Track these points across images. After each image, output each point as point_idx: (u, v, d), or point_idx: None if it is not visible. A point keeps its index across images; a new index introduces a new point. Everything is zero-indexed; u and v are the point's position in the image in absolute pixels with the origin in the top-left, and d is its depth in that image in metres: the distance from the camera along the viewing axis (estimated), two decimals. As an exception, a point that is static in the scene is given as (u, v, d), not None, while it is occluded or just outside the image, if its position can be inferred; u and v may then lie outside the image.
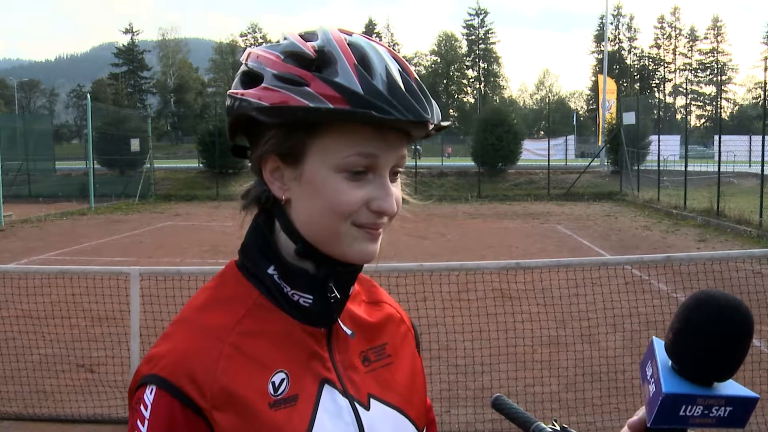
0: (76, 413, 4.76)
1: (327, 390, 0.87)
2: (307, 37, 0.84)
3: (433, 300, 4.96)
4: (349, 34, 0.84)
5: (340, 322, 0.91)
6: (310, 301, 0.87)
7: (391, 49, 0.85)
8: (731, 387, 0.76)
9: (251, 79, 0.84)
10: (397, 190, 0.87)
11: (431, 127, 0.84)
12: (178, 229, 16.42)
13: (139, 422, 0.80)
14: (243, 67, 0.87)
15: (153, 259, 11.41)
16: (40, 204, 22.20)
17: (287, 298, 0.88)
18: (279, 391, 0.83)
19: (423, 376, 1.04)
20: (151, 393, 0.80)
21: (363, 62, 0.80)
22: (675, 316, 0.78)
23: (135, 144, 26.02)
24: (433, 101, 0.85)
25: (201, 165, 30.33)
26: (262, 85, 0.82)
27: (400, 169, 0.88)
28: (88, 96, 24.21)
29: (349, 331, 0.91)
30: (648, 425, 0.75)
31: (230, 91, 0.86)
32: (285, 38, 0.85)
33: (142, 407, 0.80)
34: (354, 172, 0.82)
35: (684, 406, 0.73)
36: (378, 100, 0.78)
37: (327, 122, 0.81)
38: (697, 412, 0.74)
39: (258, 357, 0.84)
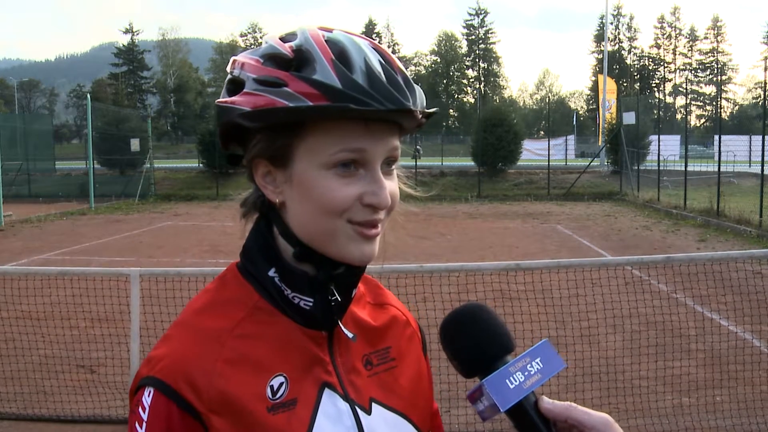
0: (76, 413, 4.76)
1: (327, 394, 0.87)
2: (286, 38, 0.84)
3: (433, 301, 4.95)
4: (329, 30, 0.84)
5: (341, 325, 0.90)
6: (311, 304, 0.87)
7: (372, 40, 0.84)
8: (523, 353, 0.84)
9: (235, 86, 0.84)
10: (392, 183, 0.86)
11: (420, 115, 0.84)
12: (178, 229, 16.41)
13: (137, 424, 0.80)
14: (228, 76, 0.87)
15: (153, 259, 11.40)
16: (40, 204, 22.24)
17: (287, 300, 0.87)
18: (277, 395, 0.83)
19: (430, 380, 1.03)
20: (149, 395, 0.80)
21: (341, 57, 0.80)
22: (448, 351, 0.87)
23: (135, 144, 26.03)
24: (417, 89, 0.84)
25: (201, 165, 30.35)
26: (244, 90, 0.82)
27: (395, 162, 0.87)
28: (88, 96, 24.19)
29: (350, 335, 0.90)
30: (502, 411, 0.80)
31: (217, 100, 0.86)
32: (265, 42, 0.85)
33: (140, 410, 0.80)
34: (344, 168, 0.81)
35: (506, 380, 0.80)
36: (357, 93, 0.78)
37: (310, 121, 0.80)
38: (521, 377, 0.81)
39: (257, 360, 0.83)
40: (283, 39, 0.84)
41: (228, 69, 0.88)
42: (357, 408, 0.88)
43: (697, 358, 5.55)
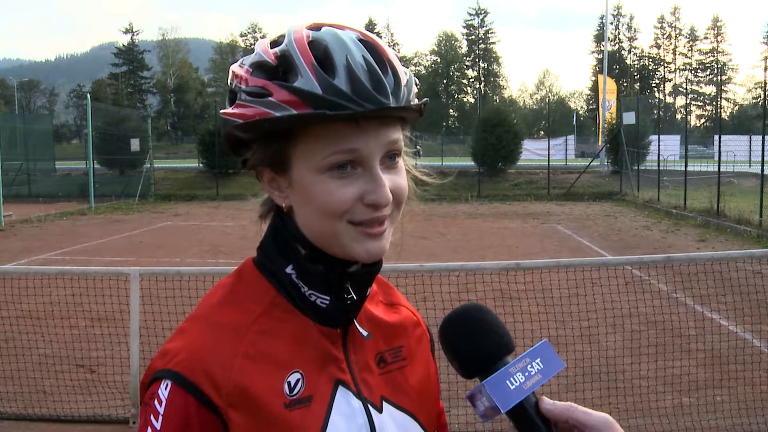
0: (75, 413, 4.76)
1: (341, 391, 0.87)
2: (277, 41, 0.84)
3: (433, 300, 4.95)
4: (318, 28, 0.83)
5: (356, 323, 0.90)
6: (327, 302, 0.87)
7: (362, 31, 0.83)
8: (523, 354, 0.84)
9: (233, 97, 0.85)
10: (397, 177, 0.85)
11: (413, 107, 0.83)
12: (178, 229, 16.41)
13: (152, 417, 0.79)
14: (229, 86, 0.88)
15: (153, 259, 11.39)
16: (40, 204, 22.25)
17: (304, 298, 0.88)
18: (294, 392, 0.83)
19: (437, 380, 1.04)
20: (166, 388, 0.79)
21: (324, 59, 0.80)
22: (448, 352, 0.87)
23: (135, 144, 26.02)
24: (406, 81, 0.83)
25: (201, 165, 30.37)
26: (237, 102, 0.83)
27: (399, 155, 0.85)
28: (88, 96, 24.22)
29: (365, 333, 0.91)
30: (503, 412, 0.80)
31: (221, 111, 0.87)
32: (255, 48, 0.85)
33: (156, 402, 0.79)
34: (340, 169, 0.81)
35: (507, 381, 0.80)
36: (336, 97, 0.77)
37: (300, 127, 0.80)
38: (522, 378, 0.81)
39: (274, 356, 0.84)
40: (273, 43, 0.84)
41: (228, 81, 0.89)
42: (369, 406, 0.89)
43: (697, 358, 5.55)
